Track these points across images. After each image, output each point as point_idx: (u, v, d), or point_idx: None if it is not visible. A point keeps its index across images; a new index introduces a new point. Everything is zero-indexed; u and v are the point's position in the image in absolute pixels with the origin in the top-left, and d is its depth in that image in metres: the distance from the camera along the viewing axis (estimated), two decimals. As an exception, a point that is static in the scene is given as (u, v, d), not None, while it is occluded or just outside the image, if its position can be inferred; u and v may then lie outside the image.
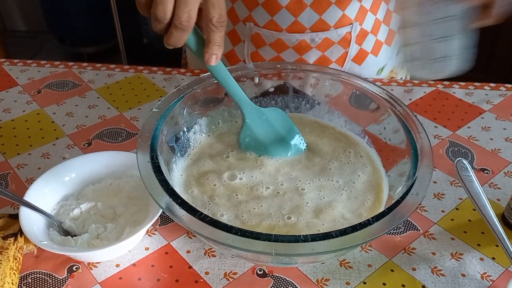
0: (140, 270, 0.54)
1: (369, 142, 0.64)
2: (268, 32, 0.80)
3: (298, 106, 0.69)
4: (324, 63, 0.83)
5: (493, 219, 0.54)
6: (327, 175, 0.58)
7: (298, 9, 0.77)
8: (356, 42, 0.82)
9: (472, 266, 0.55)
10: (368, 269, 0.55)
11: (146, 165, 0.50)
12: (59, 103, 0.80)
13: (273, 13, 0.78)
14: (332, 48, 0.81)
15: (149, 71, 0.88)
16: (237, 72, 0.64)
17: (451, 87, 0.85)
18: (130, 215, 0.56)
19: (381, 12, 0.82)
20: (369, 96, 0.63)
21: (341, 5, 0.77)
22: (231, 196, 0.55)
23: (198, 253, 0.56)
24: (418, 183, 0.49)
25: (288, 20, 0.78)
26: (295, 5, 0.77)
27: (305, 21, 0.78)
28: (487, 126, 0.77)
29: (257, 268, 0.55)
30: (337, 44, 0.81)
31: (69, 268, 0.54)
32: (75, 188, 0.60)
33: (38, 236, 0.52)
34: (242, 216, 0.53)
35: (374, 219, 0.45)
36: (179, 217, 0.45)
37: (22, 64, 0.90)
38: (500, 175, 0.67)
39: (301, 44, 0.80)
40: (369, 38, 0.83)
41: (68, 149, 0.71)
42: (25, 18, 2.75)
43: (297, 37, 0.80)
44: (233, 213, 0.54)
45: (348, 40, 0.81)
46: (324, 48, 0.81)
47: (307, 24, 0.78)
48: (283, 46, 0.81)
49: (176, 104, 0.59)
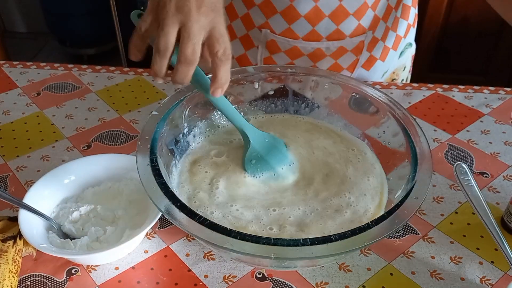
0: (139, 273, 0.54)
1: (369, 145, 0.64)
2: (284, 40, 0.80)
3: (298, 109, 0.69)
4: (335, 70, 0.84)
5: (492, 223, 0.54)
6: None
7: (316, 19, 0.77)
8: (367, 50, 0.82)
9: (471, 270, 0.55)
10: (367, 272, 0.55)
11: (145, 168, 0.50)
12: (58, 106, 0.80)
13: (291, 22, 0.78)
14: (345, 55, 0.82)
15: (149, 74, 0.88)
16: (236, 75, 0.65)
17: (451, 90, 0.85)
18: (129, 218, 0.56)
19: (390, 19, 0.83)
20: (368, 99, 0.63)
21: (358, 15, 0.78)
22: (226, 205, 0.56)
23: (197, 256, 0.56)
24: (418, 187, 0.49)
25: (305, 29, 0.78)
26: (314, 15, 0.77)
27: (322, 30, 0.78)
28: (487, 129, 0.77)
29: (256, 272, 0.55)
30: (350, 52, 0.81)
31: (68, 271, 0.54)
32: (74, 190, 0.60)
33: (37, 239, 0.52)
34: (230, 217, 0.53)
35: (373, 223, 0.45)
36: (179, 220, 0.45)
37: (22, 66, 0.90)
38: (499, 178, 0.68)
39: (316, 52, 0.81)
40: (378, 45, 0.83)
41: (68, 151, 0.71)
42: (25, 19, 2.75)
43: (313, 45, 0.80)
44: (222, 215, 0.54)
45: (360, 48, 0.82)
46: (338, 56, 0.82)
47: (324, 33, 0.79)
48: (298, 53, 0.81)
49: (176, 107, 0.59)
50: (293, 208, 0.55)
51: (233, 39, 0.85)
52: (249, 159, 0.59)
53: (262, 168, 0.59)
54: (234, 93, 0.66)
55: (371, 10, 0.79)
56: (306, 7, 0.76)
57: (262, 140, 0.61)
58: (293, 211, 0.54)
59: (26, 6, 2.66)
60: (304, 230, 0.52)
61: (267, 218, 0.53)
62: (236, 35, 0.84)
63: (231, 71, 0.64)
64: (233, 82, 0.65)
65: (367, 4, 0.77)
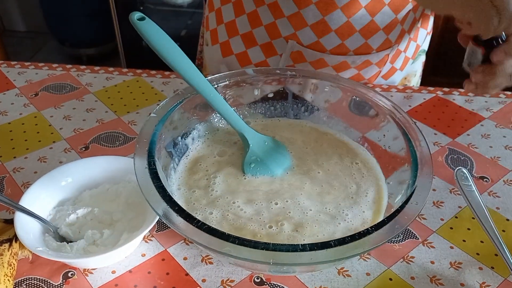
0: (137, 277, 0.54)
1: (368, 149, 0.63)
2: (311, 52, 0.80)
3: (298, 112, 0.68)
4: (356, 80, 0.84)
5: (493, 228, 0.53)
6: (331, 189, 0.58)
7: (347, 34, 0.77)
8: (390, 62, 0.82)
9: (471, 276, 0.55)
10: (367, 277, 0.54)
11: (143, 171, 0.50)
12: (56, 106, 0.80)
13: (321, 36, 0.77)
14: (368, 67, 0.82)
15: (148, 75, 0.88)
16: (236, 78, 0.64)
17: (451, 94, 0.85)
18: (127, 221, 0.56)
19: (413, 30, 0.83)
20: (368, 102, 0.62)
21: (387, 30, 0.78)
22: (229, 202, 0.55)
23: (195, 260, 0.56)
24: (418, 192, 0.49)
25: (334, 43, 0.78)
26: (345, 30, 0.76)
27: (349, 44, 0.78)
28: (487, 133, 0.76)
29: (254, 276, 0.54)
30: (374, 64, 0.81)
31: (65, 274, 0.54)
32: (71, 193, 0.59)
33: (33, 242, 0.51)
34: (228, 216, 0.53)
35: (373, 229, 0.45)
36: (176, 224, 0.45)
37: (20, 66, 0.89)
38: (499, 183, 0.67)
39: (341, 65, 0.81)
40: (400, 56, 0.83)
41: (65, 153, 0.70)
42: (24, 19, 2.75)
43: (339, 59, 0.80)
44: (222, 216, 0.53)
45: (384, 61, 0.82)
46: (362, 68, 0.82)
47: (351, 47, 0.78)
48: (324, 64, 0.81)
49: (174, 109, 0.59)
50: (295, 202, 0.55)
51: (253, 46, 0.83)
52: (248, 162, 0.59)
53: (261, 171, 0.59)
54: (233, 95, 0.66)
55: (400, 25, 0.78)
56: (338, 22, 0.75)
57: (261, 143, 0.60)
58: (294, 207, 0.54)
59: (26, 5, 2.66)
60: (298, 230, 0.52)
61: (268, 213, 0.53)
62: (256, 42, 0.83)
63: (231, 73, 0.64)
64: (232, 84, 0.65)
65: (398, 19, 0.77)
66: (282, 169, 0.59)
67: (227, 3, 0.83)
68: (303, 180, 0.58)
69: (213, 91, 0.58)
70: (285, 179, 0.58)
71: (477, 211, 0.54)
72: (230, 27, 0.84)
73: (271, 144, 0.61)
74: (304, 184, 0.57)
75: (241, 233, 0.51)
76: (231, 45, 0.85)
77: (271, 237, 0.51)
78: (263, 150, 0.60)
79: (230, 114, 0.59)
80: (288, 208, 0.54)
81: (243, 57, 0.85)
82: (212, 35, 0.88)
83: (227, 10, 0.84)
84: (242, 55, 0.85)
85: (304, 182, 0.58)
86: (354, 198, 0.56)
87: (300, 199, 0.55)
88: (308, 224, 0.52)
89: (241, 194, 0.56)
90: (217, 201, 0.55)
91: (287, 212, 0.54)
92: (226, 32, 0.85)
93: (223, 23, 0.85)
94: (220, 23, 0.86)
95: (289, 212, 0.54)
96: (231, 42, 0.85)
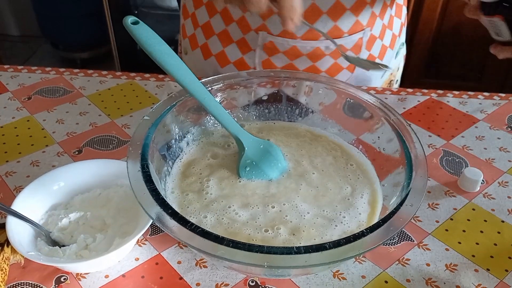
0: (130, 281, 0.53)
1: (363, 151, 0.63)
2: (283, 40, 0.80)
3: (292, 115, 0.68)
4: (336, 70, 0.84)
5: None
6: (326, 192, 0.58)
7: (314, 16, 0.77)
8: (366, 48, 0.82)
9: (467, 278, 0.55)
10: (362, 280, 0.54)
11: (136, 174, 0.49)
12: (49, 110, 0.79)
13: None
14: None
15: (142, 78, 0.88)
16: (229, 80, 0.64)
17: (445, 96, 0.85)
18: (119, 225, 0.55)
19: (386, 17, 0.83)
20: (362, 104, 0.62)
21: (355, 11, 0.78)
22: (224, 207, 0.55)
23: (189, 264, 0.55)
24: (413, 194, 0.49)
25: (303, 28, 0.78)
26: (311, 13, 0.76)
27: (320, 28, 0.78)
28: (481, 135, 0.76)
29: (249, 280, 0.54)
30: (349, 50, 0.81)
31: (57, 279, 0.53)
32: (63, 197, 0.59)
33: (25, 247, 0.51)
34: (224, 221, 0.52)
35: (368, 231, 0.45)
36: (170, 228, 0.44)
37: (13, 70, 0.89)
38: (494, 185, 0.67)
39: (315, 52, 0.80)
40: (377, 43, 0.83)
41: (58, 156, 0.70)
42: (18, 23, 2.74)
43: (312, 44, 0.80)
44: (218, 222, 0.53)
45: (359, 46, 0.82)
46: (337, 55, 0.81)
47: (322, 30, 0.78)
48: (297, 53, 0.81)
49: (168, 112, 0.58)
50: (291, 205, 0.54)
51: (229, 44, 0.84)
52: (243, 166, 0.59)
53: (257, 175, 0.58)
54: (227, 98, 0.65)
55: (369, 6, 0.78)
56: (304, 5, 0.75)
57: (256, 147, 0.60)
58: (291, 210, 0.54)
59: (19, 9, 2.65)
60: (295, 234, 0.52)
61: (264, 218, 0.53)
62: (232, 39, 0.83)
63: (224, 76, 0.64)
64: (226, 86, 0.64)
65: (365, 0, 0.77)
66: (278, 172, 0.59)
67: (200, 6, 0.85)
68: (298, 182, 0.58)
69: (207, 94, 0.57)
70: (281, 182, 0.58)
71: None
72: (206, 29, 0.85)
73: (266, 147, 0.61)
74: (299, 186, 0.57)
75: (236, 238, 0.51)
76: (209, 46, 0.86)
77: (266, 242, 0.51)
78: (258, 154, 0.59)
79: (225, 117, 0.59)
80: (285, 212, 0.54)
81: (222, 57, 0.86)
82: (191, 40, 0.90)
83: (200, 13, 0.85)
84: (220, 54, 0.86)
85: (300, 184, 0.57)
86: (350, 200, 0.56)
87: (297, 202, 0.55)
88: (305, 227, 0.52)
89: (236, 198, 0.56)
90: (212, 205, 0.55)
91: (284, 216, 0.53)
92: (203, 34, 0.86)
93: (199, 26, 0.86)
94: (196, 27, 0.87)
95: (286, 216, 0.53)
96: (209, 44, 0.86)
